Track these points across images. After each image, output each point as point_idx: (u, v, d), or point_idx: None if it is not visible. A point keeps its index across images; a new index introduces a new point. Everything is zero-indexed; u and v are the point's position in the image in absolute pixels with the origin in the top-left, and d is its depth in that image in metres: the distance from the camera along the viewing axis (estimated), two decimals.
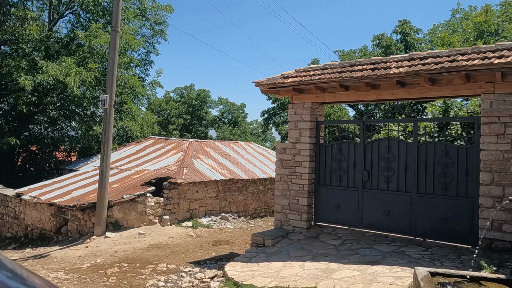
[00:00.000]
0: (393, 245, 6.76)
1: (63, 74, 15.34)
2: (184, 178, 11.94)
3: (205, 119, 45.15)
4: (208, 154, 14.93)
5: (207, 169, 13.39)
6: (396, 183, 7.37)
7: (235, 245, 9.97)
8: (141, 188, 11.16)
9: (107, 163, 10.35)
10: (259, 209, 15.13)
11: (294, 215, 8.38)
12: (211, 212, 13.03)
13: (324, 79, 7.52)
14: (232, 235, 11.35)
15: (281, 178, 8.61)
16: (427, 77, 6.51)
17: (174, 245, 9.43)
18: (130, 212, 10.74)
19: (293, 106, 8.56)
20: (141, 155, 15.31)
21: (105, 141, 10.27)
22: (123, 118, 18.06)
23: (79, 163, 17.10)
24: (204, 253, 8.82)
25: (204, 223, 12.18)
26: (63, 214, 11.27)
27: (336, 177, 8.14)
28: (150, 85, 23.17)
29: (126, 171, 13.28)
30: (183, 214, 12.04)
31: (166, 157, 14.28)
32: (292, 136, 8.50)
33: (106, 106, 10.05)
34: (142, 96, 20.65)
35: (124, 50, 18.35)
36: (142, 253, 8.63)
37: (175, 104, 43.49)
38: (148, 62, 22.84)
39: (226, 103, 48.34)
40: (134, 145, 17.07)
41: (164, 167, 13.02)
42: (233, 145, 17.43)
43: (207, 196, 12.86)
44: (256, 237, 8.04)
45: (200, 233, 11.13)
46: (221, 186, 13.35)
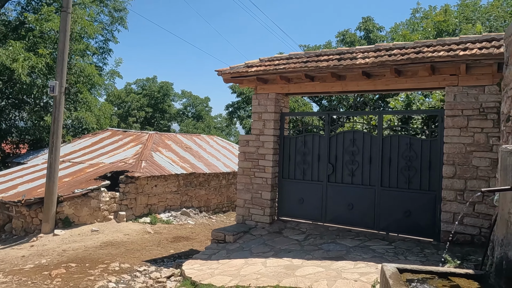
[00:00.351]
0: (357, 240, 6.61)
1: (10, 59, 14.17)
2: (142, 171, 11.32)
3: (167, 112, 43.96)
4: (169, 147, 14.33)
5: (167, 163, 12.81)
6: (360, 176, 7.24)
7: (195, 241, 9.55)
8: (95, 182, 10.45)
9: (56, 155, 9.57)
10: (222, 204, 14.75)
11: (257, 210, 8.08)
12: (171, 207, 12.49)
13: (289, 68, 7.24)
14: (193, 231, 10.91)
15: (244, 171, 8.28)
16: (393, 68, 6.38)
17: (130, 243, 8.87)
18: (82, 208, 10.02)
19: (257, 97, 8.24)
20: (97, 147, 14.45)
21: (54, 131, 9.47)
22: (78, 109, 16.99)
23: (29, 155, 15.92)
24: (161, 251, 8.34)
25: (164, 219, 11.64)
26: (6, 210, 10.35)
27: (300, 170, 7.91)
28: (108, 75, 22.04)
29: (79, 165, 12.45)
30: (141, 209, 11.43)
31: (123, 149, 13.55)
32: (256, 128, 8.18)
33: (55, 93, 9.26)
34: (99, 86, 19.59)
35: (80, 36, 17.27)
36: (94, 251, 8.02)
37: (136, 97, 42.00)
38: (107, 51, 21.72)
39: (190, 96, 47.36)
40: (89, 137, 16.12)
41: (121, 160, 12.32)
42: (195, 138, 16.89)
43: (167, 190, 12.31)
44: (217, 233, 7.67)
45: (159, 229, 10.60)
46: (182, 180, 12.84)
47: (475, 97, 6.04)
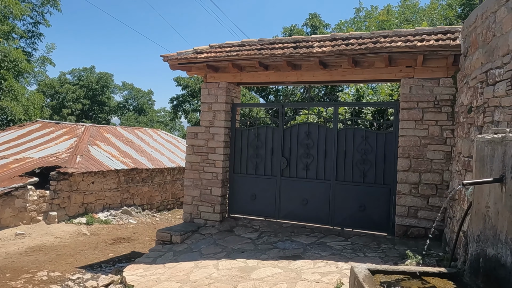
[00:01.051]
0: (312, 236, 6.34)
1: None
2: (77, 167, 10.25)
3: (107, 105, 41.49)
4: (108, 141, 13.23)
5: (106, 157, 11.78)
6: (315, 170, 6.97)
7: (137, 242, 8.78)
8: (21, 179, 9.24)
9: None
10: (166, 201, 13.96)
11: (206, 207, 7.54)
12: (111, 205, 11.51)
13: (243, 55, 6.76)
14: (135, 231, 10.09)
15: (192, 166, 7.69)
16: (351, 58, 6.15)
17: (62, 247, 7.90)
18: (5, 209, 8.79)
19: (206, 86, 7.66)
20: (24, 140, 12.94)
21: None
22: (1, 98, 15.18)
23: None
24: (99, 254, 7.50)
25: (102, 218, 10.66)
26: None
27: (253, 164, 7.49)
28: (39, 61, 20.00)
29: (2, 160, 11.00)
30: (76, 209, 10.36)
31: (55, 143, 12.24)
32: (205, 119, 7.61)
33: None
34: (27, 74, 17.70)
35: (4, 16, 15.45)
36: (17, 258, 6.99)
37: (72, 87, 39.08)
38: (37, 35, 19.76)
39: (132, 88, 45.11)
40: (15, 130, 14.44)
41: (52, 154, 11.08)
42: (137, 132, 15.85)
43: (106, 187, 11.30)
44: (162, 233, 7.02)
45: (96, 230, 9.64)
46: (123, 176, 11.88)
47: (430, 89, 5.99)
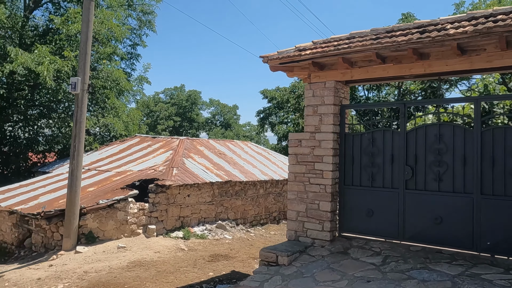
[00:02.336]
0: (456, 265, 5.01)
1: (35, 62, 13.39)
2: (174, 179, 10.08)
3: (196, 121, 43.28)
4: (201, 153, 13.09)
5: (200, 170, 11.55)
6: (450, 181, 5.64)
7: (236, 260, 8.15)
8: (122, 192, 9.28)
9: (78, 161, 8.46)
10: (259, 215, 13.32)
11: (314, 224, 6.60)
12: (206, 219, 11.17)
13: (356, 47, 5.79)
14: (232, 247, 9.52)
15: (296, 177, 6.85)
16: (504, 37, 4.82)
17: (161, 262, 7.56)
18: (108, 221, 8.84)
19: (311, 87, 6.81)
20: (125, 154, 13.41)
21: (76, 133, 8.38)
22: (105, 115, 16.12)
23: (55, 164, 15.11)
24: (199, 273, 6.97)
25: (198, 233, 10.33)
26: (26, 223, 9.32)
27: (368, 175, 6.39)
28: (137, 81, 21.25)
29: (106, 173, 11.37)
30: (172, 222, 10.17)
31: (153, 156, 12.41)
32: (310, 124, 6.74)
33: (77, 91, 8.18)
34: (127, 92, 18.70)
35: (107, 39, 16.49)
36: (119, 274, 6.75)
37: (164, 106, 41.58)
38: (135, 56, 20.94)
39: (218, 104, 46.56)
40: (117, 144, 15.16)
41: (150, 167, 11.15)
42: (229, 144, 15.62)
43: (201, 201, 11.01)
44: (266, 253, 6.23)
45: (193, 245, 9.27)
46: (217, 189, 11.52)
47: None
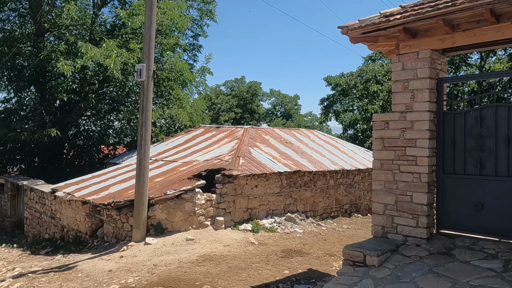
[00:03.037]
0: None
1: (103, 56, 13.65)
2: (241, 169, 9.58)
3: (256, 113, 43.04)
4: (267, 142, 12.50)
5: (267, 159, 10.95)
6: None
7: (311, 257, 7.42)
8: (189, 182, 8.96)
9: (145, 150, 8.24)
10: (330, 208, 12.46)
11: (406, 219, 5.65)
12: (274, 211, 10.58)
13: (464, 3, 4.72)
14: (304, 242, 8.82)
15: (383, 164, 5.92)
16: None
17: (232, 257, 7.07)
18: (176, 212, 8.56)
19: (399, 59, 5.82)
20: (190, 145, 13.24)
21: (142, 122, 8.15)
22: (170, 106, 16.17)
23: (124, 156, 15.46)
24: (272, 270, 6.36)
25: (266, 225, 9.76)
26: (98, 214, 9.39)
27: (475, 161, 5.30)
28: (199, 72, 21.24)
29: (172, 163, 11.21)
30: (240, 214, 9.69)
31: (218, 146, 12.05)
32: (400, 102, 5.76)
33: (142, 78, 7.93)
34: (190, 83, 18.65)
35: (170, 30, 16.47)
36: (189, 268, 6.35)
37: (225, 98, 41.83)
38: (197, 47, 20.92)
39: (279, 95, 45.87)
40: (182, 135, 15.10)
41: (216, 157, 10.77)
42: (295, 133, 14.86)
43: (269, 192, 10.42)
44: (351, 252, 5.42)
45: (263, 239, 8.71)
46: (285, 179, 10.85)
47: None
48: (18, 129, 14.51)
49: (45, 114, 15.31)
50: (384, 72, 21.32)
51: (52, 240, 11.20)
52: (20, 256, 10.30)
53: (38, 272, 7.16)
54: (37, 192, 12.37)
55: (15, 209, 15.63)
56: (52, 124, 15.14)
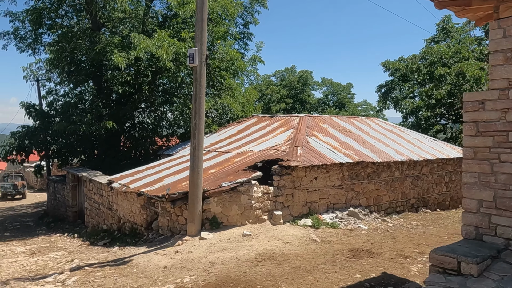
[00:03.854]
0: None
1: (156, 46, 13.50)
2: (300, 160, 8.88)
3: (308, 102, 41.91)
4: (325, 131, 11.66)
5: (327, 149, 10.14)
6: None
7: (383, 258, 6.59)
8: (244, 173, 8.43)
9: (199, 140, 7.80)
10: (395, 202, 11.40)
11: (509, 219, 4.66)
12: (335, 206, 9.78)
13: None
14: (370, 240, 7.97)
15: (477, 153, 4.94)
16: None
17: (293, 256, 6.43)
18: (231, 206, 8.08)
19: (499, 25, 4.77)
20: (243, 135, 12.74)
21: (196, 110, 7.70)
22: (222, 96, 15.79)
23: (177, 147, 15.34)
24: (342, 274, 5.63)
25: (328, 221, 9.00)
26: (153, 206, 9.17)
27: None
28: (250, 61, 20.70)
29: (226, 154, 10.76)
30: (299, 208, 9.02)
31: (273, 135, 11.43)
32: (500, 77, 4.74)
33: (195, 63, 7.45)
34: (241, 72, 18.16)
35: (221, 18, 16.04)
36: (249, 268, 5.81)
37: (276, 88, 41.08)
38: (247, 35, 20.37)
39: (331, 84, 44.30)
40: (235, 125, 14.66)
41: (271, 147, 10.16)
42: (354, 121, 13.85)
43: (329, 184, 9.64)
44: (441, 257, 4.55)
45: (325, 236, 7.98)
46: (347, 171, 9.99)
47: None
48: (77, 122, 14.86)
49: (101, 107, 15.56)
50: (452, 54, 19.43)
51: (109, 231, 11.26)
52: (79, 247, 10.42)
53: (95, 265, 7.00)
54: (95, 183, 12.54)
55: (77, 200, 16.16)
56: (109, 117, 15.36)
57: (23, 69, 19.17)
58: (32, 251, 10.42)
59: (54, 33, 17.25)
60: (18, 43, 17.55)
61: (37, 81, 21.67)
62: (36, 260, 8.70)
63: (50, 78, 19.91)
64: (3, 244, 12.52)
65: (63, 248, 10.57)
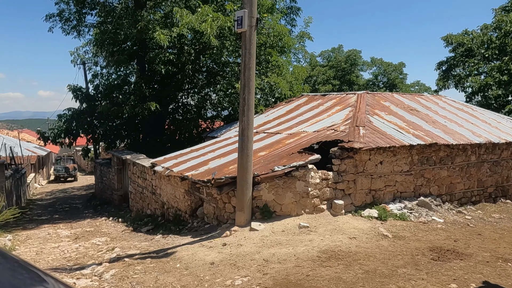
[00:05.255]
0: None
1: (199, 21, 12.60)
2: (364, 141, 7.66)
3: (356, 84, 39.72)
4: (388, 110, 10.28)
5: (393, 130, 8.82)
6: None
7: (476, 261, 5.32)
8: (300, 156, 7.37)
9: (249, 118, 6.81)
10: (470, 191, 9.89)
11: None
12: (402, 194, 8.50)
13: None
14: (451, 235, 6.68)
15: None
16: None
17: (364, 256, 5.34)
18: (285, 193, 7.07)
19: None
20: (293, 115, 11.64)
21: (245, 83, 6.69)
22: (268, 74, 14.70)
23: (222, 129, 14.54)
24: (432, 282, 4.46)
25: (395, 212, 7.77)
26: (197, 191, 8.37)
27: None
28: (297, 37, 19.36)
29: (276, 135, 9.74)
30: (362, 197, 7.85)
31: (327, 115, 10.23)
32: None
33: (244, 27, 6.41)
34: (288, 49, 16.91)
35: None
36: (312, 270, 4.80)
37: (322, 69, 39.25)
38: (295, 10, 18.97)
39: (381, 63, 41.68)
40: (283, 106, 13.57)
41: (328, 127, 8.99)
42: (419, 99, 12.26)
43: (396, 170, 8.35)
44: None
45: (396, 230, 6.79)
46: (416, 155, 8.64)
47: None
48: (121, 104, 14.45)
49: (144, 88, 15.03)
50: None
51: (153, 217, 10.71)
52: (123, 232, 9.96)
53: (135, 256, 6.31)
54: (139, 166, 12.04)
55: (122, 183, 15.94)
56: (152, 98, 14.81)
57: (70, 53, 19.15)
58: (76, 236, 10.10)
59: (97, 14, 16.91)
60: (63, 25, 17.40)
61: (83, 64, 21.72)
62: (78, 247, 8.25)
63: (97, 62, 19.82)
64: (51, 226, 12.46)
65: (106, 234, 10.17)
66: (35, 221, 14.10)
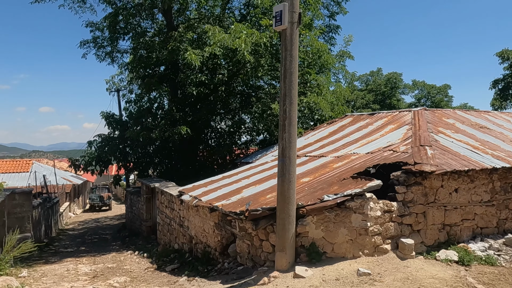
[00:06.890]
0: None
1: (232, 38, 11.71)
2: (435, 163, 6.12)
3: (397, 107, 37.59)
4: (453, 127, 8.67)
5: (465, 150, 7.21)
6: None
7: None
8: (353, 182, 5.94)
9: (291, 135, 5.52)
10: None
11: None
12: (483, 230, 6.78)
13: None
14: None
15: None
16: None
17: None
18: (338, 229, 5.61)
19: None
20: (338, 136, 10.24)
21: (285, 91, 5.44)
22: (307, 94, 13.46)
23: (257, 154, 13.33)
24: None
25: (478, 253, 6.08)
26: (229, 225, 7.06)
27: None
28: (337, 56, 18.16)
29: (320, 158, 8.37)
30: (434, 234, 6.22)
31: (380, 134, 8.76)
32: None
33: (284, 24, 5.25)
34: (327, 68, 15.66)
35: (305, 6, 13.89)
36: None
37: (360, 93, 37.59)
38: (334, 28, 17.84)
39: (423, 86, 39.49)
40: (324, 127, 12.21)
41: (384, 148, 7.52)
42: (486, 116, 10.51)
43: (474, 199, 6.68)
44: None
45: (488, 279, 5.12)
46: (498, 180, 6.94)
47: None
48: (150, 128, 13.66)
49: (175, 111, 14.21)
50: None
51: (180, 252, 9.47)
52: (145, 271, 8.75)
53: None
54: (167, 195, 10.96)
55: (150, 213, 14.95)
56: (183, 122, 13.92)
57: (106, 82, 18.96)
58: (95, 273, 9.00)
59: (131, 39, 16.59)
60: (97, 51, 17.19)
61: (117, 91, 21.55)
62: None
63: (132, 90, 19.51)
64: (73, 260, 11.52)
65: (128, 271, 9.00)
66: (60, 254, 13.28)
